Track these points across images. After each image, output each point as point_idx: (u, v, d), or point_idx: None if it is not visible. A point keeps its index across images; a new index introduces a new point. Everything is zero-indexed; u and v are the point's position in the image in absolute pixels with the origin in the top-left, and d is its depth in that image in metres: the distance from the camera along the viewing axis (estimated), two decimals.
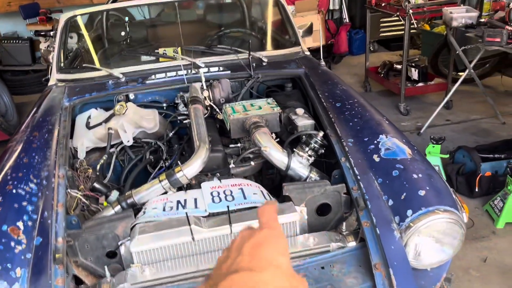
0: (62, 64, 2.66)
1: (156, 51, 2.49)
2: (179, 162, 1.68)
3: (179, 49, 2.50)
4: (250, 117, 1.89)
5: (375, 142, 1.72)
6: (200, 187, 1.65)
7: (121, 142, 2.11)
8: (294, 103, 2.19)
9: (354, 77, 5.93)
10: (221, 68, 2.38)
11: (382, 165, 1.62)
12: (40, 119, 2.07)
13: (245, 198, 1.55)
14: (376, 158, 1.65)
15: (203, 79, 2.16)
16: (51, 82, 2.52)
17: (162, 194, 1.64)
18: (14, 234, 1.38)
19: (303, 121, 1.99)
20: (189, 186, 1.73)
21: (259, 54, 2.48)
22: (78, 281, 1.46)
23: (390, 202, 1.49)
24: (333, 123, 1.88)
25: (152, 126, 2.16)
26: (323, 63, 2.59)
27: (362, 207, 1.50)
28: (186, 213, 1.47)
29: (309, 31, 3.13)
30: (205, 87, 2.15)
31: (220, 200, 1.56)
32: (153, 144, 2.15)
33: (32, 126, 2.01)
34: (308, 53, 2.77)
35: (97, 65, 2.61)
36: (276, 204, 0.67)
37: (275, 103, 2.01)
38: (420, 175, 1.54)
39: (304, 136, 1.80)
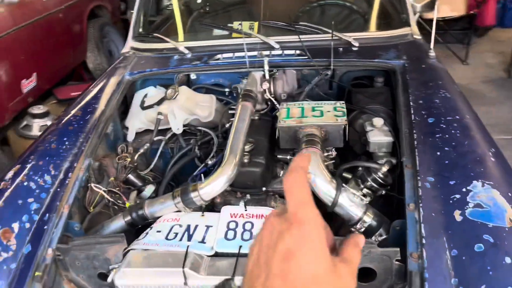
0: (141, 30, 2.50)
1: (229, 24, 2.16)
2: (202, 176, 1.39)
3: (255, 24, 2.14)
4: (306, 126, 1.50)
5: (464, 190, 1.22)
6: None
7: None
8: (377, 107, 1.73)
9: (498, 56, 4.91)
10: (297, 52, 1.99)
11: (464, 229, 1.13)
12: (91, 95, 1.94)
13: None
14: (458, 215, 1.16)
15: (266, 68, 1.79)
16: (124, 50, 2.39)
17: (177, 211, 1.39)
18: (5, 238, 1.26)
19: (378, 136, 1.54)
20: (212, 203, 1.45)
21: (348, 36, 2.01)
22: None
23: None
24: (414, 147, 1.41)
25: (206, 114, 1.89)
26: (432, 53, 2.01)
27: None
28: (188, 248, 1.20)
29: (430, 5, 2.50)
30: (267, 77, 1.79)
31: (235, 236, 1.25)
32: (203, 133, 1.89)
33: (80, 102, 1.89)
34: (418, 37, 2.19)
35: (179, 35, 2.40)
36: (307, 163, 0.54)
37: (344, 109, 1.57)
38: None
39: (360, 168, 1.37)
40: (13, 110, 3.45)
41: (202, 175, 1.53)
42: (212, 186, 1.33)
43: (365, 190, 1.33)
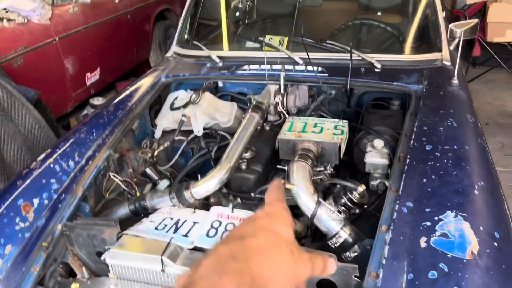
0: (186, 36, 2.70)
1: (260, 38, 2.28)
2: (199, 175, 1.53)
3: (285, 39, 2.25)
4: (303, 140, 1.59)
5: (436, 218, 1.24)
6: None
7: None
8: (384, 129, 1.77)
9: None
10: (319, 69, 2.07)
11: (425, 255, 1.17)
12: (127, 93, 2.15)
13: None
14: (423, 242, 1.20)
15: (282, 82, 1.90)
16: (168, 54, 2.60)
17: (173, 206, 1.53)
18: (24, 210, 1.47)
19: (374, 158, 1.59)
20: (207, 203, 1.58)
21: (370, 57, 2.06)
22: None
23: None
24: (403, 172, 1.44)
25: (225, 120, 2.03)
26: (455, 80, 2.00)
27: None
28: (171, 239, 1.34)
29: (471, 31, 2.46)
30: (282, 90, 1.90)
31: (216, 234, 1.37)
32: (222, 137, 2.02)
33: (116, 98, 2.11)
34: (448, 63, 2.18)
35: (224, 44, 2.55)
36: (281, 182, 0.73)
37: (345, 128, 1.64)
38: None
39: (337, 186, 1.43)
40: (77, 99, 3.82)
41: (199, 175, 1.66)
42: (204, 186, 1.47)
43: (340, 207, 1.39)
